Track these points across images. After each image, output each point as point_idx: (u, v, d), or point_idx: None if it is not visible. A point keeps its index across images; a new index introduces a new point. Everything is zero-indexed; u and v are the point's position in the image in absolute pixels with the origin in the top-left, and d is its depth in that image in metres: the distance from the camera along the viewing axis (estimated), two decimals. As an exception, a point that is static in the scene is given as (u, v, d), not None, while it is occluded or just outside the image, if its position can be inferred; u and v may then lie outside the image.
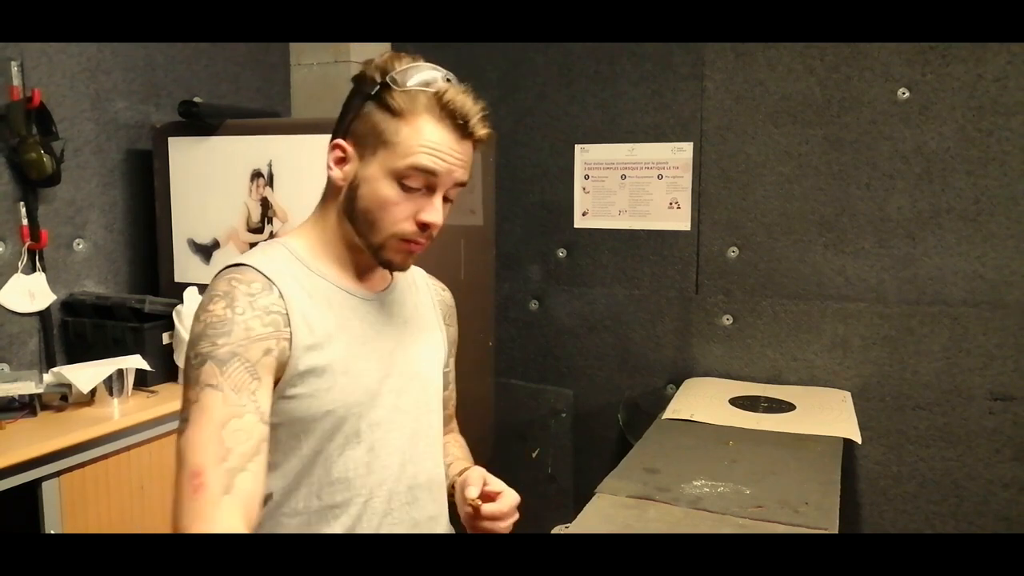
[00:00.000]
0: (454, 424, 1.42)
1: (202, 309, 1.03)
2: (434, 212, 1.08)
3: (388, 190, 1.06)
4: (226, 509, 0.94)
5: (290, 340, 1.04)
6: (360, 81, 1.11)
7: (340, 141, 1.11)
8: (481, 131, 1.09)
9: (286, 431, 1.08)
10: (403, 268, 1.15)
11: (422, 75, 1.08)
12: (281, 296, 1.06)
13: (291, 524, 1.09)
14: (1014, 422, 2.53)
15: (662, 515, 1.75)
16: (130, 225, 2.56)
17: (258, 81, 2.98)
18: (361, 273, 1.16)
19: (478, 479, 1.18)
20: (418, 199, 1.07)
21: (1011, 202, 2.47)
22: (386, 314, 1.18)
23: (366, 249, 1.11)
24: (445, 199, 1.10)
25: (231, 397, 0.98)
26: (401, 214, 1.07)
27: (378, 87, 1.07)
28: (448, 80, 1.09)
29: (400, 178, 1.06)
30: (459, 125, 1.07)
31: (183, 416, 1.00)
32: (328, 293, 1.11)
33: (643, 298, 2.94)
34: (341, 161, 1.11)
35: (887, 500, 2.69)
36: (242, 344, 1.00)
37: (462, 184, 1.11)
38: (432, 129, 1.06)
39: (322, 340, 1.08)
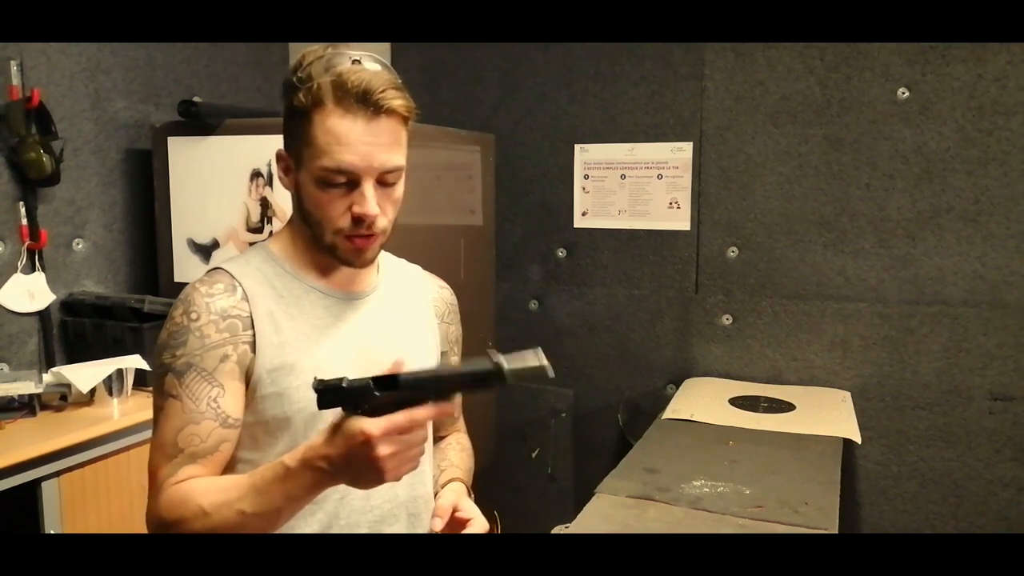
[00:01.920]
0: (460, 423, 1.42)
1: (168, 316, 1.09)
2: (365, 203, 1.04)
3: (316, 192, 1.06)
4: (165, 493, 1.02)
5: (253, 341, 1.07)
6: (284, 87, 1.09)
7: (281, 150, 1.11)
8: (391, 103, 1.02)
9: (262, 429, 1.09)
10: (361, 265, 1.12)
11: (326, 63, 1.03)
12: (245, 297, 1.08)
13: None
14: (1014, 422, 2.53)
15: (662, 515, 1.75)
16: (130, 225, 2.56)
17: (258, 81, 2.98)
18: (336, 273, 1.15)
19: (447, 506, 1.17)
20: (350, 193, 1.05)
21: (1011, 202, 2.47)
22: (368, 314, 1.17)
23: (324, 249, 1.11)
24: (384, 185, 1.06)
25: (189, 406, 1.04)
26: (336, 211, 1.06)
27: (288, 89, 1.07)
28: (356, 62, 1.03)
29: (321, 179, 1.04)
30: (362, 104, 1.01)
31: (153, 422, 1.08)
32: (301, 293, 1.12)
33: (643, 298, 2.94)
34: (287, 171, 1.11)
35: (887, 500, 2.69)
36: (197, 354, 1.04)
37: (395, 170, 1.06)
38: (335, 121, 1.02)
39: (290, 339, 1.08)
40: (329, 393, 0.91)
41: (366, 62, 1.04)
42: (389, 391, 0.88)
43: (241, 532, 0.97)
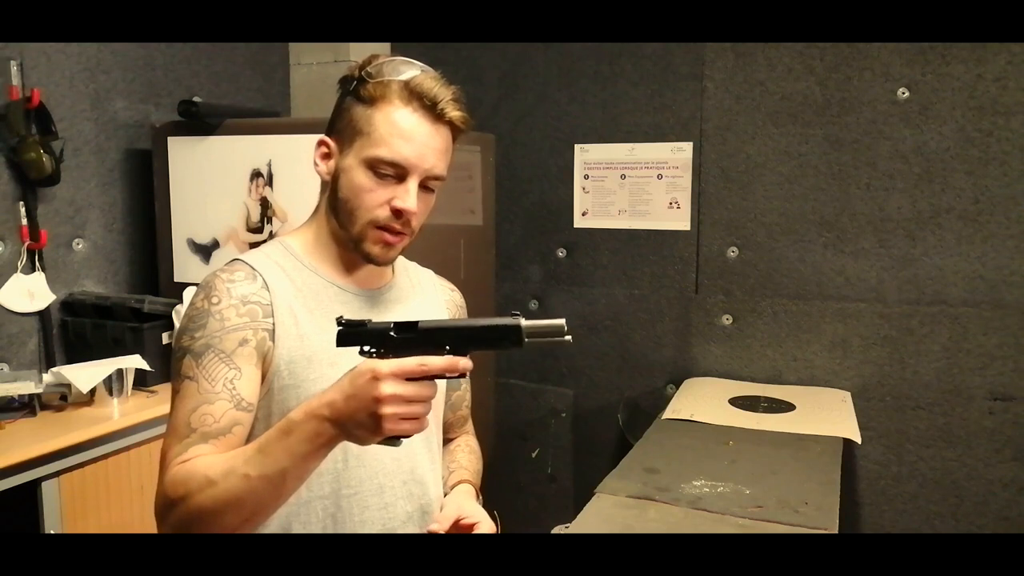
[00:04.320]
0: (469, 425, 1.43)
1: (188, 303, 1.11)
2: (407, 198, 1.09)
3: (362, 178, 1.09)
4: (171, 471, 1.02)
5: (272, 330, 1.08)
6: (343, 80, 1.15)
7: (324, 137, 1.15)
8: (453, 113, 1.10)
9: (279, 420, 1.08)
10: (383, 261, 1.14)
11: (395, 66, 1.10)
12: (265, 286, 1.10)
13: (280, 511, 1.09)
14: (1014, 422, 2.52)
15: (662, 515, 1.74)
16: (130, 225, 2.56)
17: (258, 81, 2.98)
18: (355, 269, 1.17)
19: (452, 513, 1.17)
20: (393, 186, 1.09)
21: (1011, 202, 2.47)
22: (383, 310, 1.18)
23: (348, 242, 1.13)
24: (425, 189, 1.11)
25: (204, 386, 1.04)
26: (375, 201, 1.09)
27: (355, 81, 1.11)
28: (424, 71, 1.11)
29: (373, 165, 1.08)
30: (429, 108, 1.08)
31: (169, 408, 1.08)
32: (318, 287, 1.14)
33: (643, 298, 2.94)
34: (326, 157, 1.14)
35: (887, 500, 2.69)
36: (216, 335, 1.05)
37: (439, 178, 1.12)
38: (402, 115, 1.08)
39: (308, 331, 1.10)
40: (350, 329, 0.96)
41: (430, 74, 1.11)
42: (407, 333, 0.94)
43: (249, 503, 0.97)
